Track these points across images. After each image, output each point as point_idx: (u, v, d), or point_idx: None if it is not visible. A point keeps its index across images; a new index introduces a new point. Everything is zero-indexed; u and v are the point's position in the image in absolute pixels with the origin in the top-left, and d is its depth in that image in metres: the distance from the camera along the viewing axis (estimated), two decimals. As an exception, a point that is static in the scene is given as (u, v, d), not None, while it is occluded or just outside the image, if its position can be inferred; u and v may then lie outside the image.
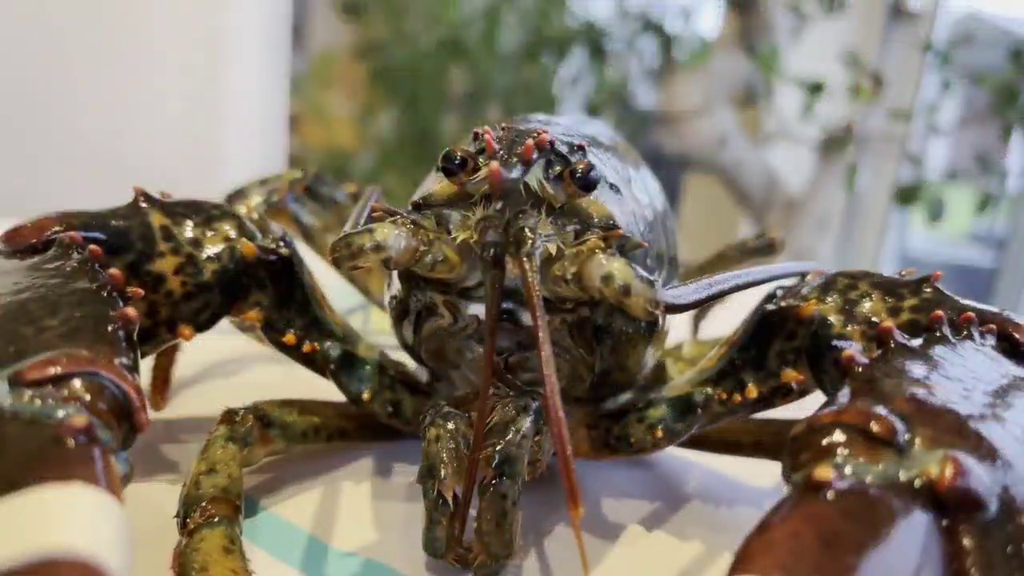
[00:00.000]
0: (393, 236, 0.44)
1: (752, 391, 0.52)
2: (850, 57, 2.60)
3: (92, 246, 0.44)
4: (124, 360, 0.36)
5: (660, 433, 0.54)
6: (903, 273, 0.50)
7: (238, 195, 0.74)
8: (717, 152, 2.67)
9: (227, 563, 0.43)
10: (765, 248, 0.81)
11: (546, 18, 2.96)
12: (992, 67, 2.53)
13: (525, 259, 0.43)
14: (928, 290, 0.48)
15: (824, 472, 0.31)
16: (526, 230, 0.44)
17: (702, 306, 0.44)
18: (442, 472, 0.44)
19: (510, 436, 0.44)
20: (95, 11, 1.61)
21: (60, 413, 0.32)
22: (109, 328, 0.38)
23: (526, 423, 0.45)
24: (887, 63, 2.90)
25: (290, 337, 0.54)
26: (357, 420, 0.59)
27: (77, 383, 0.34)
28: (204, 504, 0.46)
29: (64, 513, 0.28)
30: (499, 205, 0.44)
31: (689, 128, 2.65)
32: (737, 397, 0.52)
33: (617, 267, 0.42)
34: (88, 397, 0.34)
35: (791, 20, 2.63)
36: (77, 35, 1.60)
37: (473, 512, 0.45)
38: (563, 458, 0.37)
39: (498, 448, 0.44)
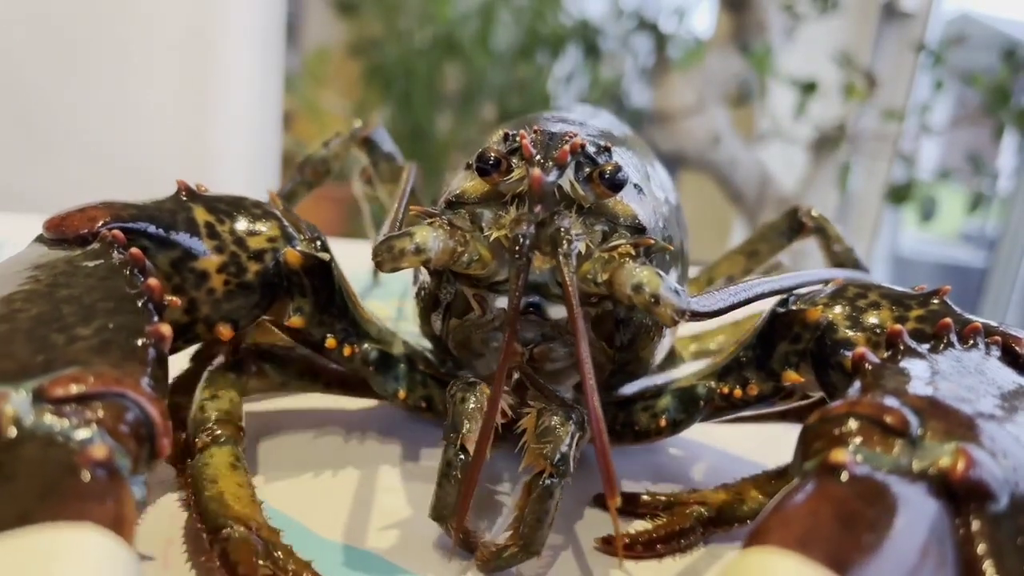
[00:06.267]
0: (432, 238, 0.46)
1: (753, 388, 0.53)
2: (843, 57, 2.61)
3: (133, 249, 0.44)
4: (152, 381, 0.36)
5: (663, 423, 0.56)
6: (914, 288, 0.51)
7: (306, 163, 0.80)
8: (710, 151, 2.68)
9: (234, 477, 0.49)
10: (797, 229, 0.80)
11: (540, 16, 2.95)
12: (984, 67, 2.55)
13: (562, 258, 0.44)
14: (936, 302, 0.49)
15: (840, 455, 0.32)
16: (562, 230, 0.45)
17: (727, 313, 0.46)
18: (466, 427, 0.46)
19: (562, 437, 0.46)
20: (90, 7, 1.60)
21: (80, 436, 0.32)
22: (140, 343, 0.37)
23: (571, 428, 0.47)
24: (880, 63, 2.91)
25: (331, 341, 0.54)
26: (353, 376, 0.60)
27: (101, 404, 0.33)
28: (211, 425, 0.51)
29: (72, 561, 0.28)
30: (537, 208, 0.45)
31: (683, 127, 2.65)
32: (738, 392, 0.54)
33: (647, 277, 0.43)
34: (111, 420, 0.33)
35: (784, 20, 2.64)
36: (71, 30, 1.59)
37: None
38: (601, 450, 0.39)
39: (553, 447, 0.45)
